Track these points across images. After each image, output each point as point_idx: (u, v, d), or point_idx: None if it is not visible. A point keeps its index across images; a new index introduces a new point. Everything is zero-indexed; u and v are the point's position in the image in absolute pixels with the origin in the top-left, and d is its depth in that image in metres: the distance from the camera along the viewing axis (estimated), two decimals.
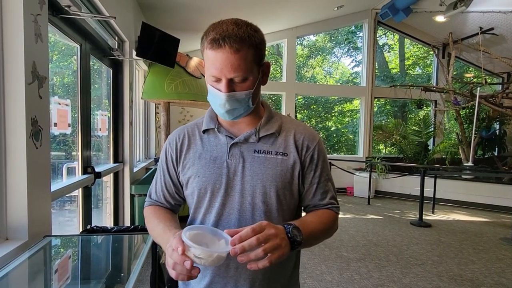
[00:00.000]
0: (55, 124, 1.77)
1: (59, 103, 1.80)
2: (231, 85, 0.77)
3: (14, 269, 1.08)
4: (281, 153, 0.86)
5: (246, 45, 0.75)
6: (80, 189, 2.27)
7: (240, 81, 0.77)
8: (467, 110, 6.97)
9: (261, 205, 0.83)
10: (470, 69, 8.49)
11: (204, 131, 0.90)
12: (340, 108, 10.52)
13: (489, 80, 7.02)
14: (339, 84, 10.00)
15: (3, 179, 1.24)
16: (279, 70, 7.80)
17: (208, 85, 0.81)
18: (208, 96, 0.83)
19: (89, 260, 1.43)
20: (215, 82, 0.78)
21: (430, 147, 7.64)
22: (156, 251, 1.36)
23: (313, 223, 0.83)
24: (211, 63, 0.76)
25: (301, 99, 9.67)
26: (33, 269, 1.21)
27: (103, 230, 1.60)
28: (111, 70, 3.01)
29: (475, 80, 7.42)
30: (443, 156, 7.28)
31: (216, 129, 0.88)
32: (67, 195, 2.40)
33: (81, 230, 2.16)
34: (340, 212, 0.95)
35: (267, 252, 0.66)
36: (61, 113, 1.83)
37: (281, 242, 0.68)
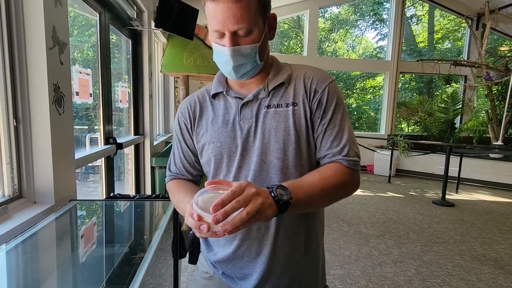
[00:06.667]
0: (77, 93, 1.78)
1: (80, 72, 1.80)
2: (235, 39, 0.72)
3: (42, 229, 1.12)
4: (291, 104, 0.80)
5: None
6: (103, 160, 2.32)
7: (245, 34, 0.72)
8: (500, 86, 6.56)
9: (277, 162, 0.78)
10: (506, 42, 7.90)
11: (214, 96, 0.86)
12: (362, 84, 10.15)
13: None
14: (362, 58, 9.60)
15: (29, 145, 1.26)
16: (300, 45, 7.53)
17: (212, 44, 0.76)
18: (213, 55, 0.79)
19: (113, 225, 1.47)
20: (219, 39, 0.74)
21: (457, 125, 7.32)
22: (177, 219, 1.38)
23: (310, 180, 0.73)
24: (212, 16, 0.71)
25: None
26: (60, 230, 1.25)
27: (125, 197, 1.64)
28: (130, 42, 2.98)
29: (511, 54, 6.92)
30: (471, 135, 6.96)
31: (224, 92, 0.84)
32: (90, 165, 2.47)
33: (105, 197, 2.23)
34: (358, 187, 0.82)
35: (251, 214, 0.58)
36: (82, 82, 1.83)
37: (265, 200, 0.61)
